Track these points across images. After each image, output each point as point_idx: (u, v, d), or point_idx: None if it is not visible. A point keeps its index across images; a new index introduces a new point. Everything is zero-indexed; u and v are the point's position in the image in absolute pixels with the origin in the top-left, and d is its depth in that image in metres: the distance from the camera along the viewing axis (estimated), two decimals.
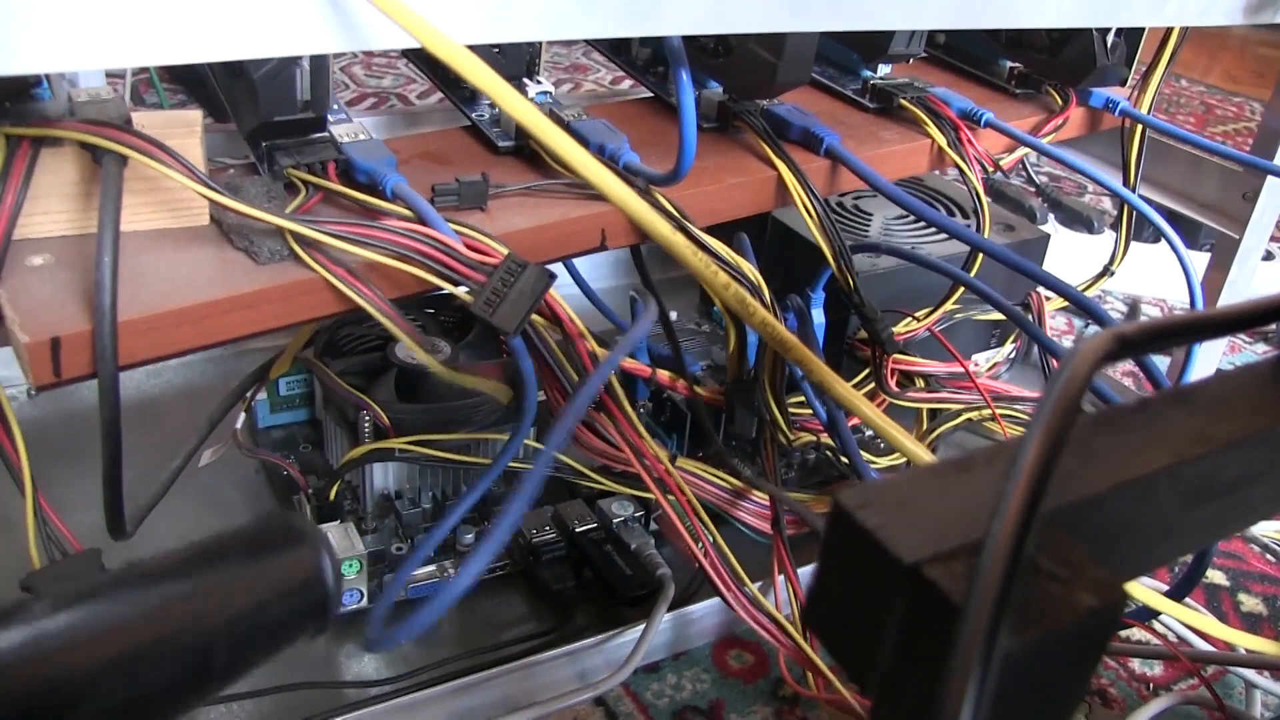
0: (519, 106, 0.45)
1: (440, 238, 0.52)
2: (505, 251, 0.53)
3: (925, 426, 0.83)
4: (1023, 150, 0.78)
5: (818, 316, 0.76)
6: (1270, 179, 0.79)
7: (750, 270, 0.61)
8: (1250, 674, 0.70)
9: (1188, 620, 0.61)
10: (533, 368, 0.57)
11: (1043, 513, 0.26)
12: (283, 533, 0.30)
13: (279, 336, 0.58)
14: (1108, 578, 0.27)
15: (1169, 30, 0.79)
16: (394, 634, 0.51)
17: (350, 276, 0.51)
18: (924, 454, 0.44)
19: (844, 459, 0.75)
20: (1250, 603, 0.80)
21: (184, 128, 0.52)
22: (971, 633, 0.24)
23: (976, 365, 0.94)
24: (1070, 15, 0.61)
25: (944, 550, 0.26)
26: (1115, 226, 0.88)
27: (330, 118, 0.60)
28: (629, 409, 0.60)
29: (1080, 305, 0.65)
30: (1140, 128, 0.81)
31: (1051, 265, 1.13)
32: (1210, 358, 0.91)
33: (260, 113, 0.55)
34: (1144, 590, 0.57)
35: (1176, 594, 0.61)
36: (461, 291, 0.52)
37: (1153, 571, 0.67)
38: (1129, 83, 0.84)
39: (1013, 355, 0.98)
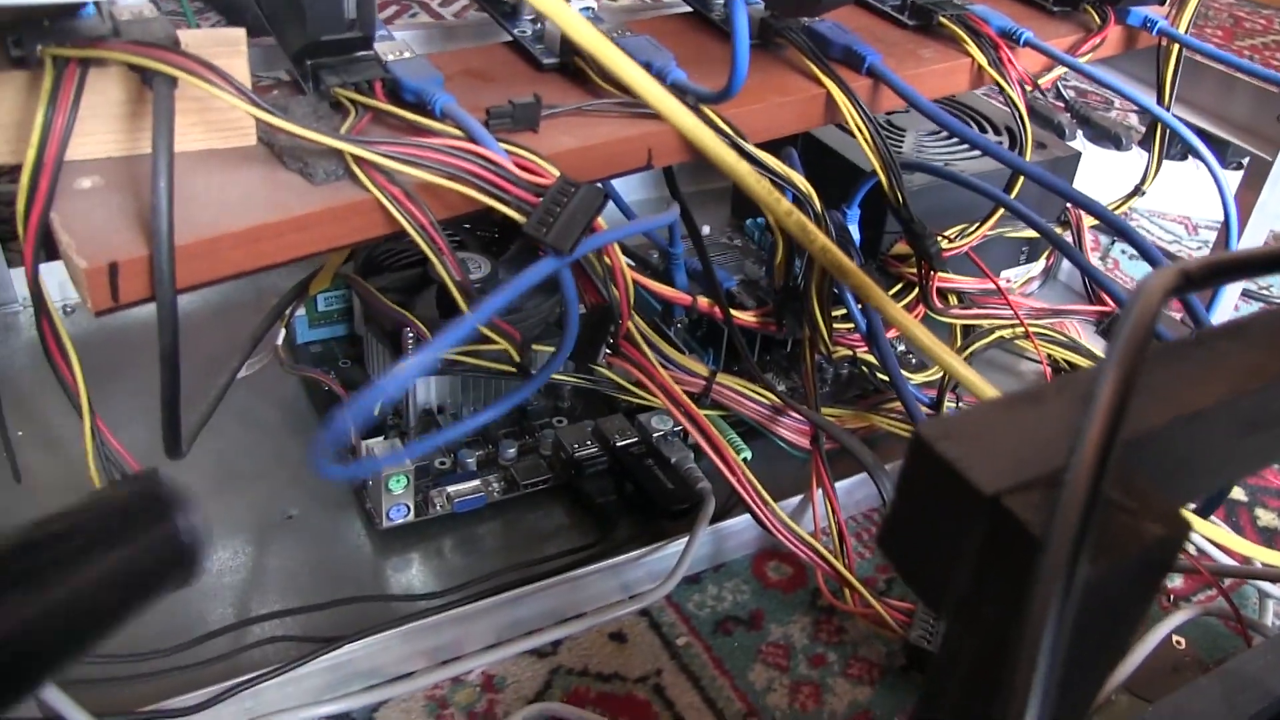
0: (578, 26, 0.45)
1: (492, 157, 0.53)
2: (556, 172, 0.53)
3: (959, 343, 0.83)
4: (1060, 69, 0.78)
5: (854, 233, 0.77)
6: None
7: (803, 183, 0.62)
8: (1265, 585, 0.73)
9: (1210, 536, 0.62)
10: (574, 286, 0.57)
11: (1117, 447, 0.27)
12: (144, 504, 0.31)
13: None
14: (1171, 508, 0.28)
15: None
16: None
17: (405, 198, 0.51)
18: (979, 380, 0.45)
19: (882, 375, 0.76)
20: (1267, 517, 0.82)
21: (229, 46, 0.52)
22: (1053, 564, 0.25)
23: (1009, 281, 0.94)
24: None
25: (1022, 481, 0.27)
26: (1144, 144, 0.88)
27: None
28: (647, 352, 0.61)
29: (1114, 227, 0.65)
30: (1176, 47, 0.81)
31: (1080, 182, 1.13)
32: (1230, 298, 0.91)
33: (307, 32, 0.55)
34: None
35: (1202, 512, 0.62)
36: (513, 212, 0.53)
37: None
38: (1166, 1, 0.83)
39: (1045, 270, 0.99)
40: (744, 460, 0.70)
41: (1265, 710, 0.48)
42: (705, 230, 0.87)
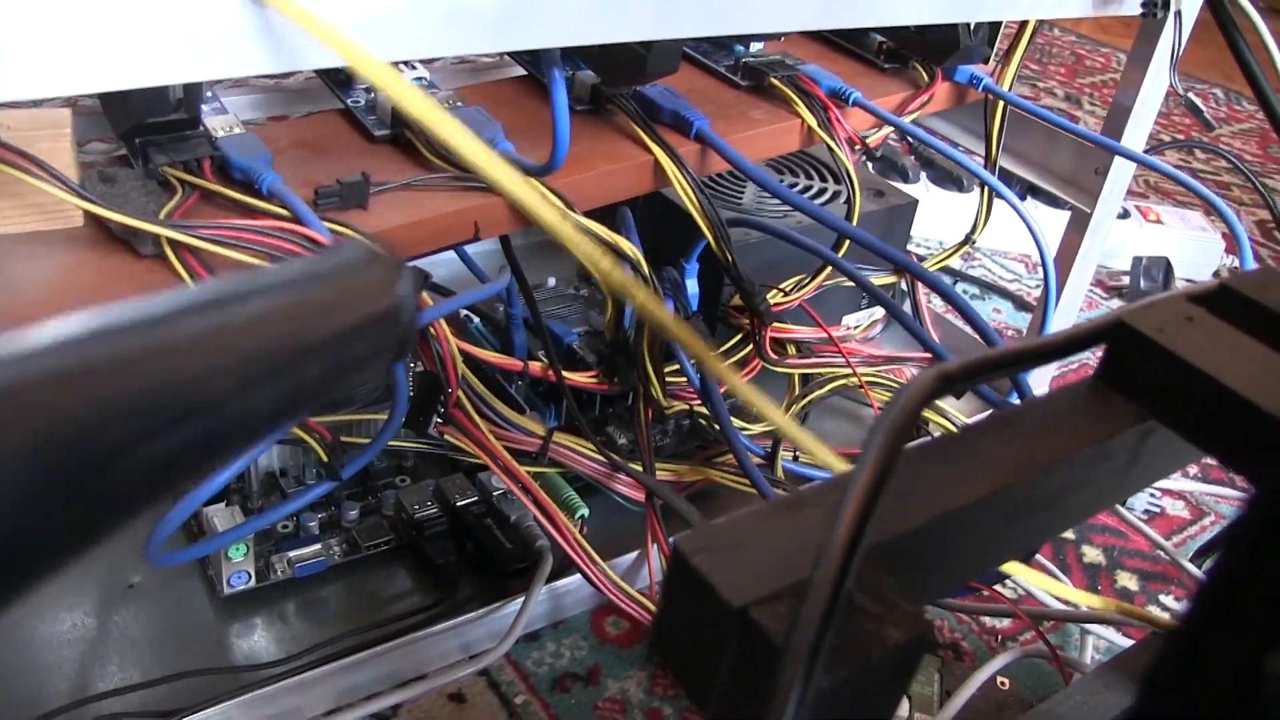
0: (412, 100, 0.45)
1: (316, 238, 0.54)
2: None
3: (798, 392, 0.86)
4: (889, 127, 0.81)
5: (692, 287, 0.79)
6: (1118, 158, 0.83)
7: (629, 248, 0.64)
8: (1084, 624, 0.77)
9: (1030, 582, 0.66)
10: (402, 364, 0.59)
11: (862, 553, 0.29)
12: (364, 261, 0.28)
13: None
14: (914, 613, 0.30)
15: None
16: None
17: None
18: (802, 435, 0.47)
19: (716, 426, 0.78)
20: (1092, 554, 0.86)
21: (52, 129, 0.52)
22: (790, 673, 0.27)
23: (848, 328, 0.97)
24: (931, 13, 0.64)
25: (770, 593, 0.29)
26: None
27: (204, 107, 0.60)
28: (477, 420, 0.63)
29: (930, 285, 0.68)
30: (1001, 103, 0.85)
31: (924, 222, 1.17)
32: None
33: (132, 113, 0.55)
34: None
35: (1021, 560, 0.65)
36: None
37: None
38: (992, 58, 0.87)
39: (887, 315, 1.02)
40: (582, 517, 0.71)
41: None
42: (551, 281, 0.89)
